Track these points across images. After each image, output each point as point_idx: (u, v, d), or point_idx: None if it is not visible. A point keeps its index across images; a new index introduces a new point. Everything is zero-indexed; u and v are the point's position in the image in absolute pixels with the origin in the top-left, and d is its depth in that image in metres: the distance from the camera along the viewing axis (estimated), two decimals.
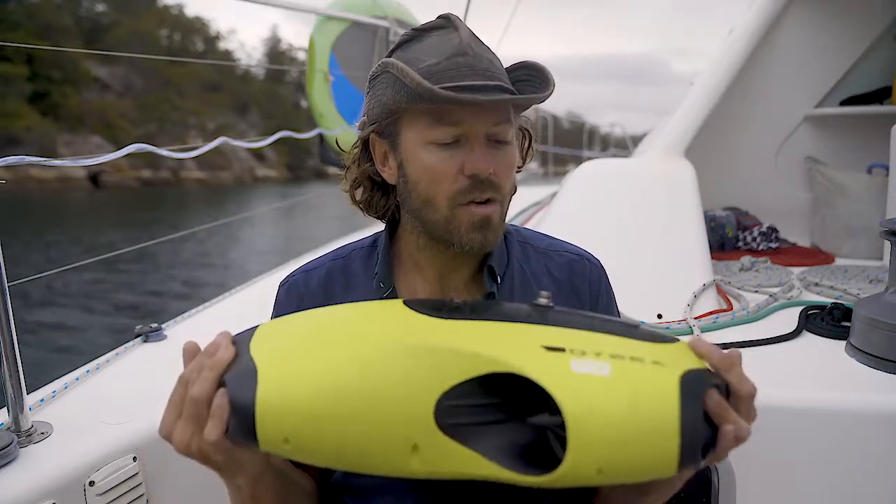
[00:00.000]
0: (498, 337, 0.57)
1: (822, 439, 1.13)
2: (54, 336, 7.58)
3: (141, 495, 1.00)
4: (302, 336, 0.60)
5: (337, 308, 0.67)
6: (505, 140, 0.76)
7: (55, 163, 1.14)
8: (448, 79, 0.71)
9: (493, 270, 0.83)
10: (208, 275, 11.19)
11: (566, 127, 9.25)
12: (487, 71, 0.73)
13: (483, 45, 0.77)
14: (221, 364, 0.57)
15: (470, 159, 0.73)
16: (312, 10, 3.15)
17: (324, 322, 0.62)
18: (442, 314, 0.60)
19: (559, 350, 0.54)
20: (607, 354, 0.53)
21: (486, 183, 0.73)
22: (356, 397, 0.53)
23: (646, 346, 0.57)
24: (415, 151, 0.75)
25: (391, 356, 0.55)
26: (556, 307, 0.62)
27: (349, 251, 0.89)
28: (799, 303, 1.68)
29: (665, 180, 1.98)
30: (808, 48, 2.63)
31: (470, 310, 0.61)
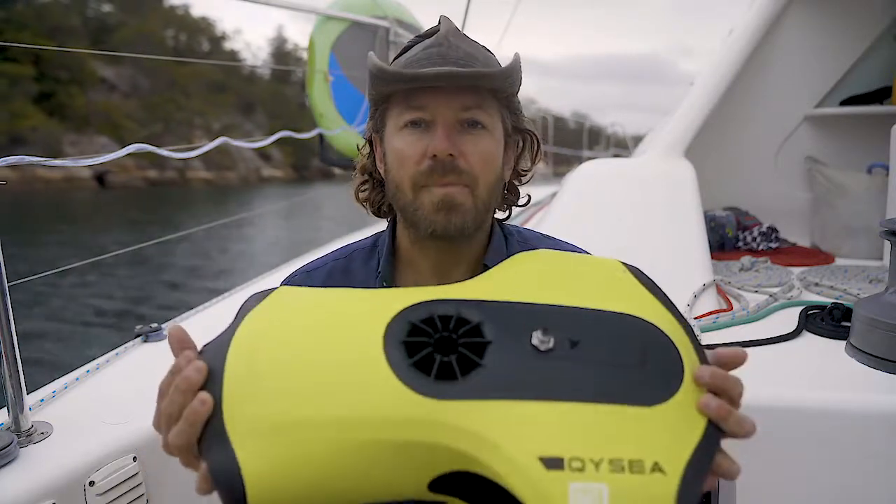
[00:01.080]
0: (494, 431, 0.52)
1: (822, 439, 1.13)
2: (54, 337, 7.59)
3: (141, 495, 1.00)
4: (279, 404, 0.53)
5: (317, 343, 0.58)
6: (477, 122, 0.75)
7: (55, 163, 1.14)
8: (418, 67, 0.74)
9: None
10: (208, 275, 11.20)
11: (571, 127, 9.26)
12: (461, 59, 0.74)
13: (466, 39, 0.78)
14: (198, 420, 0.52)
15: (431, 140, 0.73)
16: (312, 10, 3.15)
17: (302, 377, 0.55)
18: (430, 387, 0.54)
19: (557, 464, 0.50)
20: (606, 463, 0.50)
21: (448, 166, 0.73)
22: (348, 487, 0.52)
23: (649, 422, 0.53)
24: (391, 138, 0.78)
25: (381, 452, 0.52)
26: (555, 351, 0.57)
27: (350, 251, 0.90)
28: (799, 303, 1.68)
29: (665, 180, 1.99)
30: (808, 48, 2.63)
31: (461, 369, 0.55)
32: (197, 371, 0.54)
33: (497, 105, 0.78)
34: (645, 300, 0.64)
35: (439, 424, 0.52)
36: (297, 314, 0.61)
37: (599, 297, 0.63)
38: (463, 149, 0.74)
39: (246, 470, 0.50)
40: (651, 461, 0.51)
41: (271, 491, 0.50)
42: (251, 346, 0.57)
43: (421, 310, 0.60)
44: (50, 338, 7.37)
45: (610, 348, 0.58)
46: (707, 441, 0.54)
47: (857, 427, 1.12)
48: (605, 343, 0.58)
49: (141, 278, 10.98)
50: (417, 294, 0.62)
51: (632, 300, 0.63)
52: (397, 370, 0.55)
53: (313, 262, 0.91)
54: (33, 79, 32.20)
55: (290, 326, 0.59)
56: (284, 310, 0.61)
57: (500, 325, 0.59)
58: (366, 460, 0.52)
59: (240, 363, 0.55)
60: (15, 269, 1.00)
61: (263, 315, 0.61)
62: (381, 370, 0.55)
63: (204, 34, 47.06)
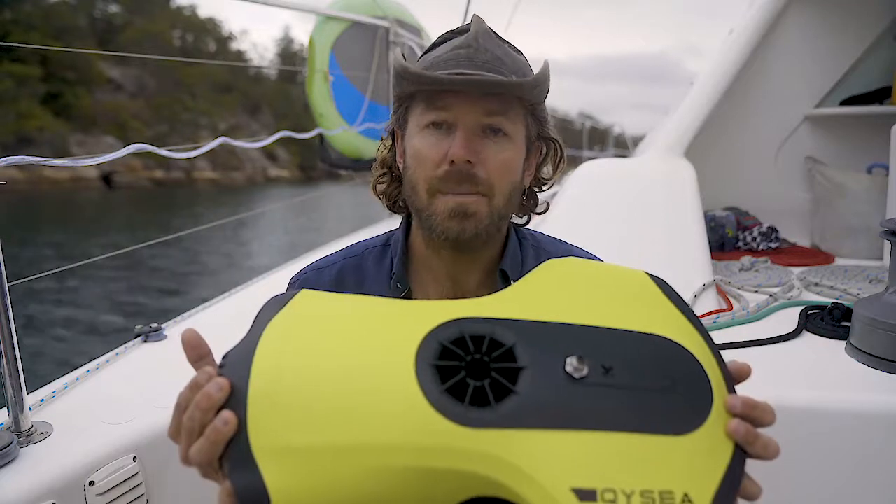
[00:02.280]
0: (527, 461, 0.52)
1: (822, 439, 1.13)
2: (55, 336, 7.60)
3: (141, 495, 1.00)
4: (306, 428, 0.52)
5: (345, 363, 0.57)
6: (499, 129, 0.74)
7: (55, 162, 1.14)
8: (444, 68, 0.72)
9: (506, 274, 0.82)
10: (207, 275, 11.21)
11: (577, 128, 9.26)
12: (488, 63, 0.73)
13: (496, 40, 0.76)
14: (221, 440, 0.51)
15: (451, 145, 0.72)
16: (312, 10, 3.15)
17: (330, 401, 0.54)
18: (463, 414, 0.53)
19: (590, 496, 0.50)
20: (638, 495, 0.50)
21: (466, 173, 0.72)
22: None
23: (677, 450, 0.54)
24: (412, 136, 0.77)
25: (410, 479, 0.52)
26: (588, 378, 0.56)
27: (362, 250, 0.89)
28: (799, 303, 1.68)
29: (665, 180, 1.99)
30: (808, 48, 2.63)
31: (494, 395, 0.55)
32: (219, 389, 0.51)
33: (522, 112, 0.77)
34: (673, 318, 0.64)
35: (472, 453, 0.52)
36: (323, 327, 0.59)
37: (630, 314, 0.63)
38: (482, 156, 0.73)
39: (274, 493, 0.50)
40: (681, 493, 0.51)
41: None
42: (276, 363, 0.55)
43: (452, 328, 0.59)
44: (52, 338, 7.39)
45: (642, 374, 0.57)
46: (734, 467, 0.54)
47: (857, 427, 1.12)
48: (637, 368, 0.58)
49: (136, 280, 10.98)
50: (448, 310, 0.61)
51: (661, 319, 0.63)
52: (429, 396, 0.54)
53: (323, 259, 0.89)
54: (40, 79, 32.26)
55: (315, 342, 0.58)
56: (308, 321, 0.60)
57: (533, 349, 0.58)
58: (395, 487, 0.51)
59: (264, 381, 0.54)
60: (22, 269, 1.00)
61: (286, 326, 0.59)
62: (412, 395, 0.54)
63: (211, 35, 47.07)
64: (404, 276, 0.83)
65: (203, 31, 46.11)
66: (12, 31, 30.49)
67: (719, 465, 0.54)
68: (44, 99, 32.62)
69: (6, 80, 30.38)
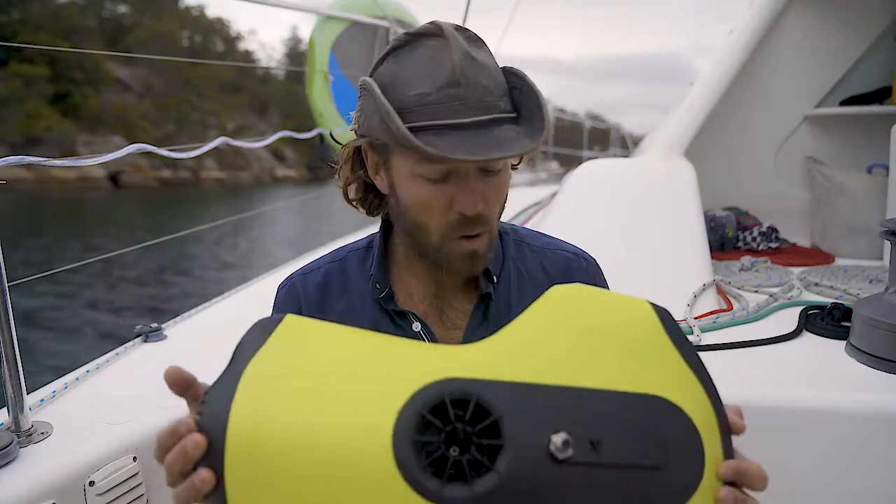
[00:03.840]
0: None
1: (822, 439, 1.13)
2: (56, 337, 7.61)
3: (141, 495, 1.00)
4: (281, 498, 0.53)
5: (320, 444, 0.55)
6: (497, 170, 0.74)
7: (55, 162, 1.14)
8: (437, 115, 0.68)
9: (489, 271, 0.83)
10: (208, 275, 11.21)
11: (587, 128, 9.27)
12: (481, 101, 0.69)
13: (478, 62, 0.71)
14: (199, 496, 0.52)
15: (460, 197, 0.71)
16: (312, 10, 3.15)
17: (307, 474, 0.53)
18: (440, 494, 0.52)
19: None
20: None
21: (476, 219, 0.73)
22: None
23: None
24: (405, 180, 0.74)
25: None
26: (573, 458, 0.54)
27: (345, 253, 0.90)
28: (799, 303, 1.68)
29: (665, 180, 1.99)
30: (808, 48, 2.63)
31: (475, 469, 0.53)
32: (195, 447, 0.52)
33: None
34: (673, 367, 0.61)
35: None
36: (303, 374, 0.58)
37: (629, 366, 0.60)
38: (486, 199, 0.73)
39: None
40: None
41: None
42: (254, 418, 0.55)
43: (434, 392, 0.56)
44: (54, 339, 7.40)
45: (632, 449, 0.56)
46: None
47: (857, 427, 1.12)
48: (627, 442, 0.56)
49: (146, 278, 11.00)
50: (434, 363, 0.59)
51: (661, 369, 0.61)
52: (404, 471, 0.53)
53: (309, 264, 0.90)
54: (48, 79, 32.28)
55: (295, 395, 0.57)
56: (290, 365, 0.59)
57: (518, 420, 0.56)
58: None
59: (242, 441, 0.54)
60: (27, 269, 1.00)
61: (267, 369, 0.58)
62: (388, 471, 0.53)
63: (218, 35, 47.04)
64: (383, 278, 0.84)
65: (211, 31, 46.14)
66: (20, 31, 30.56)
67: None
68: (52, 99, 32.71)
69: (15, 80, 30.44)
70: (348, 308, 0.85)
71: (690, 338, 1.43)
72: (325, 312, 0.85)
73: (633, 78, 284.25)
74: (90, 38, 35.76)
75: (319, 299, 0.86)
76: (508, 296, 0.84)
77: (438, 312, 0.84)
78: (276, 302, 0.89)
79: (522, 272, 0.87)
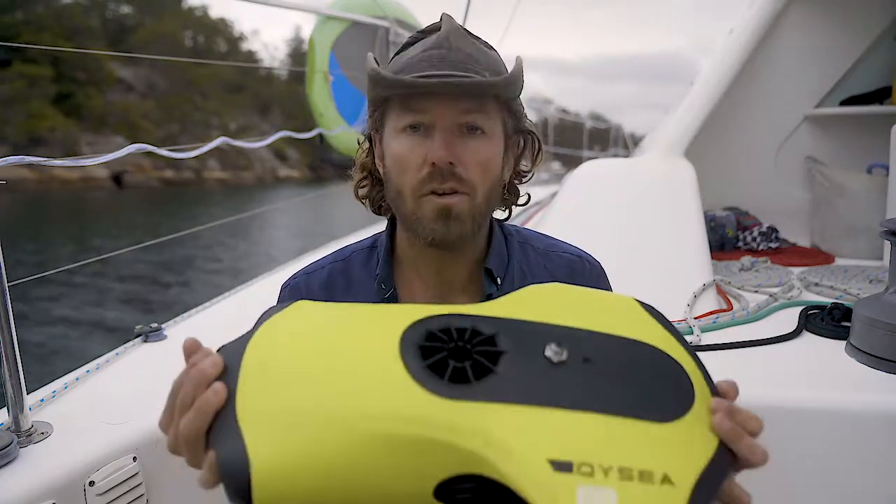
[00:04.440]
0: (504, 434, 0.53)
1: (822, 439, 1.13)
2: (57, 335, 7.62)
3: (141, 495, 1.00)
4: (291, 397, 0.55)
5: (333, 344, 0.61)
6: (477, 127, 0.74)
7: (55, 162, 1.14)
8: (418, 70, 0.72)
9: (492, 272, 0.83)
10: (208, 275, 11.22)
11: (587, 127, 9.29)
12: (461, 63, 0.72)
13: (468, 38, 0.76)
14: (210, 409, 0.53)
15: (431, 147, 0.73)
16: (312, 10, 3.15)
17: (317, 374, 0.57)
18: (442, 388, 0.55)
19: (566, 468, 0.50)
20: (616, 471, 0.50)
21: (447, 173, 0.73)
22: (353, 483, 0.52)
23: (660, 436, 0.54)
24: (389, 141, 0.77)
25: (389, 446, 0.53)
26: (568, 365, 0.58)
27: (349, 253, 0.90)
28: (799, 303, 1.68)
29: (665, 180, 1.99)
30: (808, 48, 2.63)
31: (474, 373, 0.57)
32: (213, 365, 0.54)
33: (498, 108, 0.77)
34: (657, 332, 0.64)
35: (450, 423, 0.53)
36: (316, 320, 0.63)
37: (612, 324, 0.64)
38: (462, 156, 0.73)
39: (254, 456, 0.51)
40: (661, 473, 0.51)
41: (277, 480, 0.51)
42: (269, 346, 0.59)
43: (437, 321, 0.61)
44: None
45: (622, 367, 0.58)
46: (718, 461, 0.54)
47: (857, 427, 1.12)
48: (617, 362, 0.59)
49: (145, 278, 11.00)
50: (433, 309, 0.64)
51: (644, 331, 0.64)
52: (412, 370, 0.56)
53: (312, 264, 0.90)
54: (51, 80, 32.35)
55: (308, 330, 0.61)
56: (303, 317, 0.63)
57: (514, 339, 0.60)
58: (373, 456, 0.52)
59: (256, 359, 0.57)
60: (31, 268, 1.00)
61: (282, 320, 0.62)
62: (395, 369, 0.56)
63: (222, 35, 47.05)
64: (389, 277, 0.84)
65: (214, 31, 46.15)
66: (24, 31, 30.59)
67: (703, 456, 0.54)
68: (55, 99, 32.76)
69: (18, 80, 30.50)
70: None
71: (690, 338, 1.44)
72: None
73: (635, 78, 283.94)
74: (93, 38, 35.82)
75: (323, 299, 0.86)
76: None
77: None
78: (280, 301, 0.89)
79: (526, 274, 0.87)
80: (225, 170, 37.69)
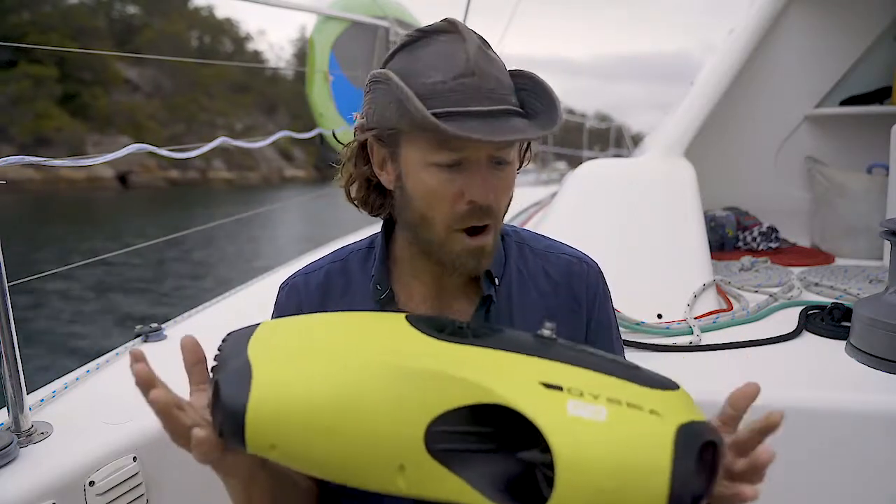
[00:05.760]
0: (497, 367, 0.56)
1: (822, 439, 1.13)
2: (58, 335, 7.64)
3: (141, 495, 1.00)
4: (301, 342, 0.59)
5: (340, 316, 0.68)
6: (507, 161, 0.74)
7: (55, 162, 1.14)
8: (453, 102, 0.69)
9: (490, 273, 0.82)
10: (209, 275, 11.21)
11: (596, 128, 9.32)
12: (494, 92, 0.70)
13: (490, 57, 0.73)
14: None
15: (471, 186, 0.71)
16: (312, 10, 3.15)
17: (325, 330, 0.62)
18: (443, 336, 0.59)
19: (557, 388, 0.52)
20: (605, 398, 0.52)
21: (486, 210, 0.73)
22: (348, 412, 0.53)
23: (646, 392, 0.55)
24: (415, 169, 0.73)
25: (387, 375, 0.54)
26: (560, 340, 0.61)
27: (347, 253, 0.89)
28: (799, 303, 1.68)
29: (665, 180, 1.98)
30: (808, 48, 2.63)
31: (472, 334, 0.60)
32: None
33: None
34: None
35: (446, 357, 0.57)
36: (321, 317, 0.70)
37: None
38: (496, 191, 0.73)
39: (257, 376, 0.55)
40: (649, 407, 0.53)
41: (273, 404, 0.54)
42: (280, 321, 0.67)
43: (440, 317, 0.70)
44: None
45: (610, 356, 0.62)
46: (706, 426, 0.55)
47: (857, 427, 1.12)
48: (604, 354, 0.63)
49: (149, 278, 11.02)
50: None
51: None
52: (413, 323, 0.62)
53: (311, 264, 0.90)
54: (57, 80, 32.40)
55: (314, 316, 0.70)
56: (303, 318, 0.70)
57: (510, 330, 0.65)
58: (373, 386, 0.54)
59: (268, 327, 0.64)
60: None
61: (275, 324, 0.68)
62: (398, 321, 0.63)
63: (228, 35, 47.07)
64: (385, 279, 0.83)
65: (220, 31, 46.16)
66: (30, 31, 30.58)
67: (691, 414, 0.55)
68: (61, 99, 32.81)
69: (24, 80, 30.53)
70: (349, 308, 0.85)
71: (690, 338, 1.44)
72: (326, 312, 0.85)
73: (646, 78, 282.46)
74: (100, 38, 35.80)
75: (320, 299, 0.86)
76: (510, 298, 0.84)
77: (439, 314, 0.84)
78: (277, 302, 0.89)
79: (524, 275, 0.86)
80: (231, 170, 37.74)
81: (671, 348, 1.37)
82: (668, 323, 1.52)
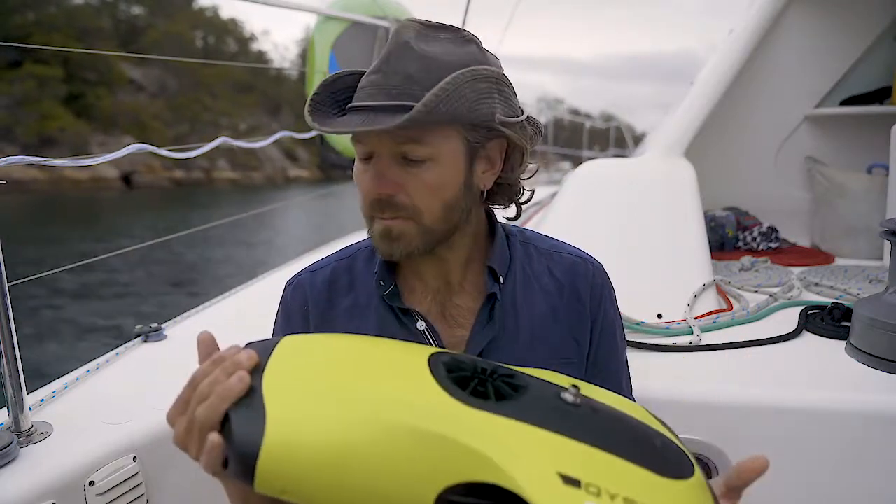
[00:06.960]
0: (517, 444, 0.54)
1: (822, 439, 1.13)
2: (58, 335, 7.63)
3: (141, 495, 1.00)
4: (318, 377, 0.58)
5: (362, 343, 0.67)
6: (414, 159, 0.73)
7: (55, 162, 1.14)
8: (361, 97, 0.74)
9: (495, 272, 0.83)
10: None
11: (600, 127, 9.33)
12: (396, 88, 0.71)
13: (412, 53, 0.72)
14: (233, 395, 0.55)
15: (367, 178, 0.76)
16: (312, 10, 3.15)
17: (344, 363, 0.61)
18: (465, 397, 0.57)
19: (575, 483, 0.51)
20: (621, 499, 0.50)
21: (386, 203, 0.75)
22: (361, 469, 0.52)
23: (664, 485, 0.55)
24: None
25: (404, 436, 0.53)
26: (583, 405, 0.59)
27: (354, 251, 0.90)
28: (799, 303, 1.68)
29: (665, 180, 1.98)
30: (808, 48, 2.63)
31: (495, 394, 0.59)
32: (248, 357, 0.59)
33: (447, 127, 0.73)
34: (659, 426, 0.68)
35: (466, 425, 0.54)
36: (342, 339, 0.69)
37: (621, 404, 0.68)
38: (403, 183, 0.74)
39: (270, 422, 0.53)
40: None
41: (285, 450, 0.52)
42: (302, 343, 0.64)
43: (461, 356, 0.66)
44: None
45: (629, 429, 0.61)
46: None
47: (857, 427, 1.12)
48: (624, 422, 0.62)
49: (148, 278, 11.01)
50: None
51: (648, 420, 0.68)
52: (438, 378, 0.59)
53: (318, 262, 0.91)
54: (62, 80, 32.41)
55: (335, 341, 0.67)
56: (328, 337, 0.70)
57: (531, 382, 0.63)
58: (387, 445, 0.53)
59: (288, 348, 0.61)
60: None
61: (304, 337, 0.67)
62: (423, 375, 0.60)
63: (232, 35, 47.09)
64: (388, 275, 0.84)
65: (224, 31, 46.17)
66: (35, 32, 30.59)
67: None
68: (65, 100, 32.81)
69: (29, 80, 30.53)
70: (354, 305, 0.85)
71: (690, 338, 1.44)
72: (332, 309, 0.86)
73: (651, 77, 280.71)
74: (104, 39, 35.83)
75: (326, 296, 0.86)
76: (514, 297, 0.85)
77: (442, 310, 0.84)
78: (283, 299, 0.89)
79: (529, 274, 0.87)
80: (235, 170, 37.73)
81: (671, 348, 1.37)
82: (668, 323, 1.52)
